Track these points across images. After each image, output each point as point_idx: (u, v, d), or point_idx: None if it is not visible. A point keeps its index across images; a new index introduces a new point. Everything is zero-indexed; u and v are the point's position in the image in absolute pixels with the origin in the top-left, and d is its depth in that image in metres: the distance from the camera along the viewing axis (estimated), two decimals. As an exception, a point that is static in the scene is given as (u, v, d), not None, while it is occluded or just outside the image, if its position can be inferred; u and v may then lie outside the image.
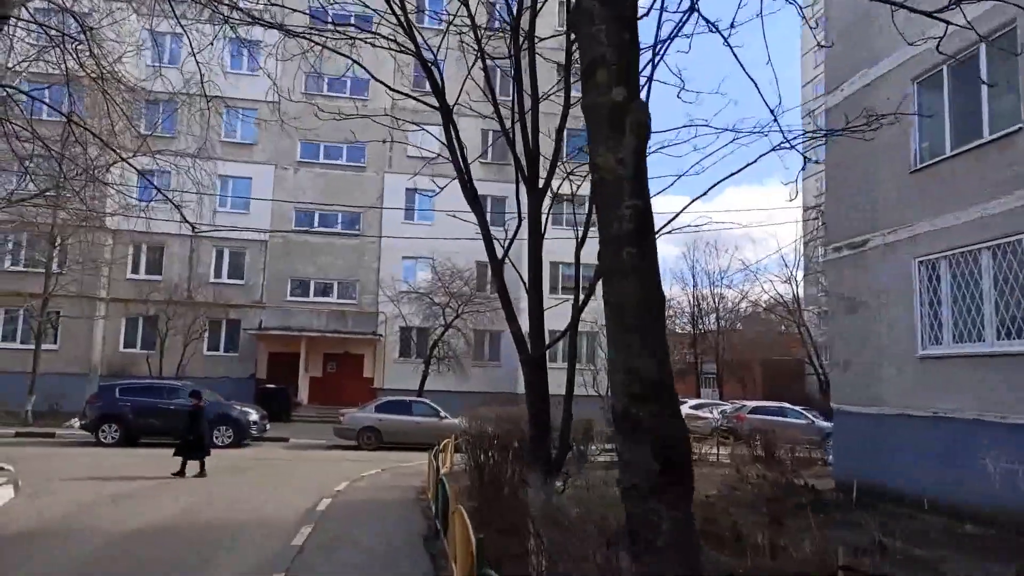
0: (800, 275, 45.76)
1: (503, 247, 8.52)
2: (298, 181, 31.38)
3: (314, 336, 30.11)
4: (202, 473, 14.20)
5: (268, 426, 21.88)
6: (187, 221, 11.50)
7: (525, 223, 8.71)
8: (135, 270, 30.49)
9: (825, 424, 27.63)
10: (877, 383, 12.60)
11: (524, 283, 8.50)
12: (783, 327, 57.50)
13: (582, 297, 8.51)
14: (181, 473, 14.07)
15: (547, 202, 28.20)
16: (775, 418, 27.78)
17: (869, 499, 11.58)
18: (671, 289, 76.11)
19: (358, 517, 10.62)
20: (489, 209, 33.40)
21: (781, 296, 45.55)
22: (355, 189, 31.12)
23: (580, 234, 8.66)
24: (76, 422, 21.82)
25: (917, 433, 11.47)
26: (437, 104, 8.29)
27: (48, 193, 16.52)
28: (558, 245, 31.91)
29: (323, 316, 30.94)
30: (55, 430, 22.21)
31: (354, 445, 21.31)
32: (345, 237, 31.75)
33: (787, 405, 29.25)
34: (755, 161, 7.23)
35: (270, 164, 31.28)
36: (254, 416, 21.00)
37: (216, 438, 20.24)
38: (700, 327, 57.09)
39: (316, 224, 31.68)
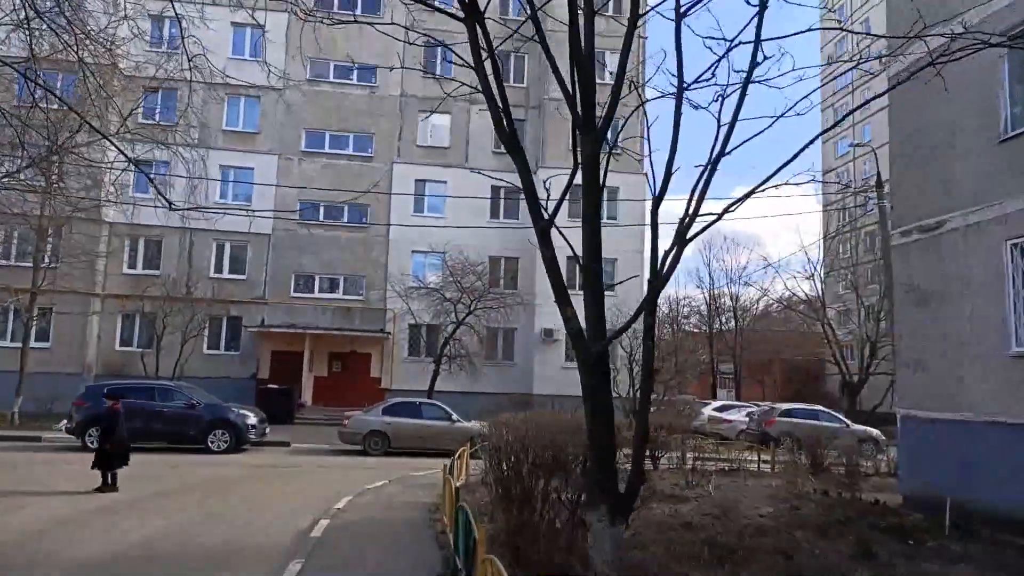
0: (821, 272, 43.89)
1: (546, 213, 6.87)
2: (303, 172, 29.90)
3: (319, 334, 28.62)
4: (110, 486, 12.21)
5: (268, 430, 20.39)
6: (163, 197, 9.89)
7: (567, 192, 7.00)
8: (131, 264, 29.06)
9: (858, 428, 25.96)
10: (957, 385, 10.95)
11: (575, 258, 6.81)
12: (804, 326, 55.81)
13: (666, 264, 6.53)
14: (106, 487, 12.17)
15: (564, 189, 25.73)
16: (807, 421, 26.12)
17: (958, 520, 9.93)
18: (685, 287, 74.75)
19: (360, 545, 9.05)
20: (503, 204, 31.95)
21: (806, 294, 43.72)
22: (362, 180, 29.60)
23: (657, 187, 6.93)
24: (64, 425, 20.36)
25: (1013, 444, 9.82)
26: (460, 13, 6.54)
27: (23, 173, 14.88)
28: (577, 236, 30.42)
29: (328, 313, 29.45)
30: (42, 433, 20.77)
31: (359, 450, 19.81)
32: (352, 230, 30.25)
33: (820, 407, 27.55)
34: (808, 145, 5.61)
35: (273, 154, 29.80)
36: (253, 419, 19.51)
37: (212, 443, 18.87)
38: (717, 325, 55.43)
39: (322, 216, 30.18)
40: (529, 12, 6.61)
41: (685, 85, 6.32)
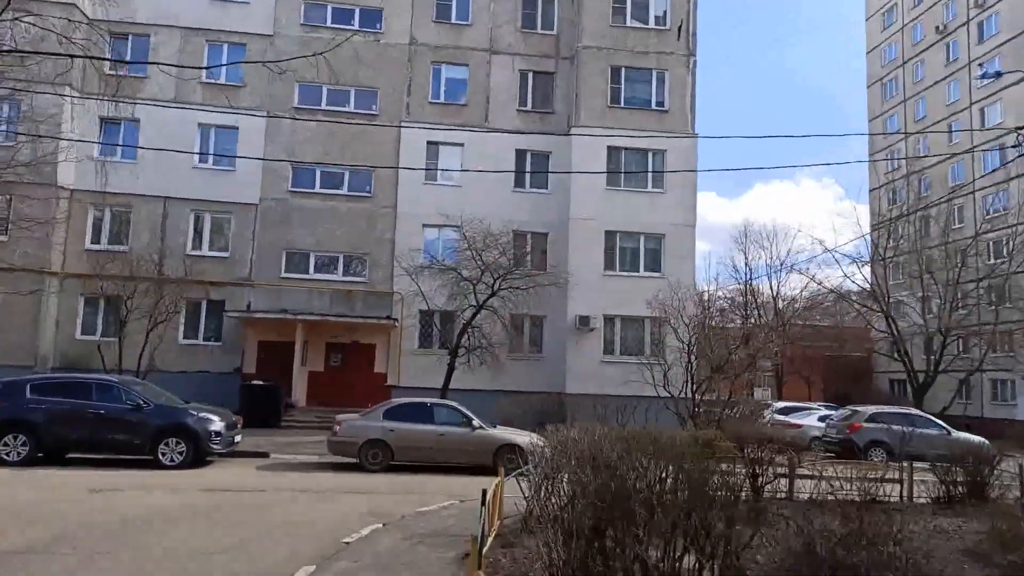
0: (884, 256, 38.99)
1: None
2: (295, 132, 25.57)
3: (314, 321, 24.29)
4: None
5: (239, 438, 16.06)
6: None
7: None
8: (95, 239, 24.86)
9: (961, 436, 21.34)
10: None
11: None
12: (854, 318, 50.97)
13: None
14: None
15: (604, 153, 20.21)
16: (901, 428, 21.53)
17: None
18: (716, 279, 70.03)
19: None
20: (529, 171, 27.48)
21: (863, 282, 38.89)
22: (365, 142, 25.29)
23: None
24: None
25: None
26: None
27: None
28: (616, 207, 25.79)
29: (325, 297, 25.12)
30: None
31: (354, 463, 15.47)
32: (353, 200, 25.88)
33: (914, 411, 22.96)
34: None
35: (261, 111, 25.48)
36: (218, 425, 15.17)
37: (163, 455, 14.62)
38: (755, 319, 50.67)
39: (317, 184, 25.83)
40: None
41: None
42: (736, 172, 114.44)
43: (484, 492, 6.68)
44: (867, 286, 39.54)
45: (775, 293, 49.76)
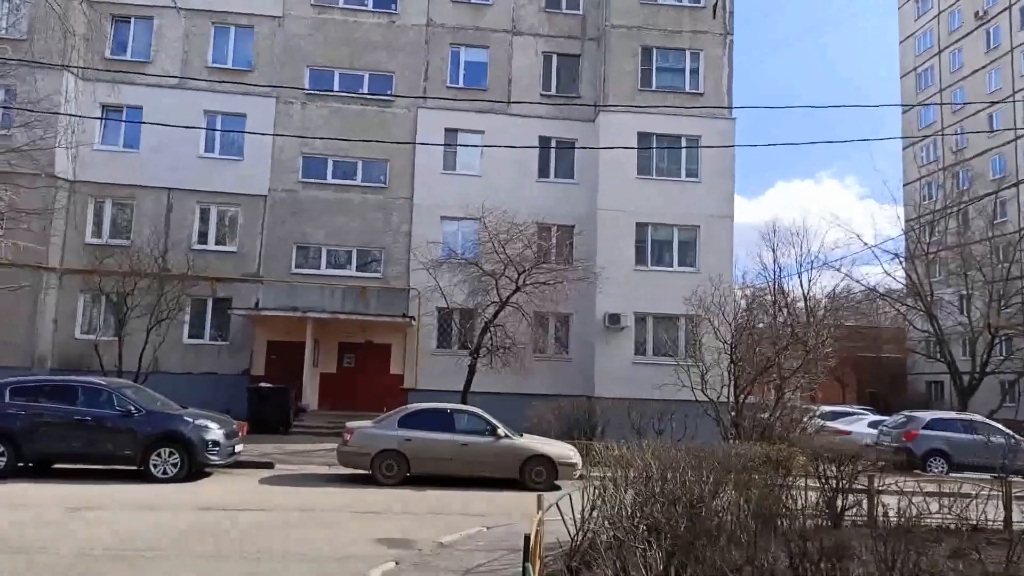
0: (927, 251, 36.92)
1: None
2: (306, 118, 24.11)
3: (325, 319, 22.81)
4: None
5: (240, 447, 14.58)
6: None
7: None
8: (96, 232, 23.53)
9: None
10: None
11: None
12: (890, 318, 48.86)
13: None
14: None
15: (633, 139, 18.05)
16: (962, 436, 19.76)
17: None
18: (744, 276, 67.87)
19: None
20: (554, 159, 25.84)
21: (906, 278, 36.83)
22: (380, 129, 23.76)
23: None
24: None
25: None
26: None
27: None
28: (647, 197, 24.03)
29: (338, 294, 23.64)
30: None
31: (367, 475, 13.96)
32: (367, 191, 24.37)
33: (977, 416, 21.09)
34: None
35: (270, 97, 24.03)
36: (216, 433, 13.70)
37: (155, 466, 13.16)
38: (784, 318, 48.59)
39: (330, 175, 24.36)
40: None
41: None
42: (757, 170, 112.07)
43: (527, 541, 5.06)
44: (906, 284, 37.61)
45: (806, 291, 47.64)
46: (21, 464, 13.19)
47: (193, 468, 13.37)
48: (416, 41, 24.80)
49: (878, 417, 23.64)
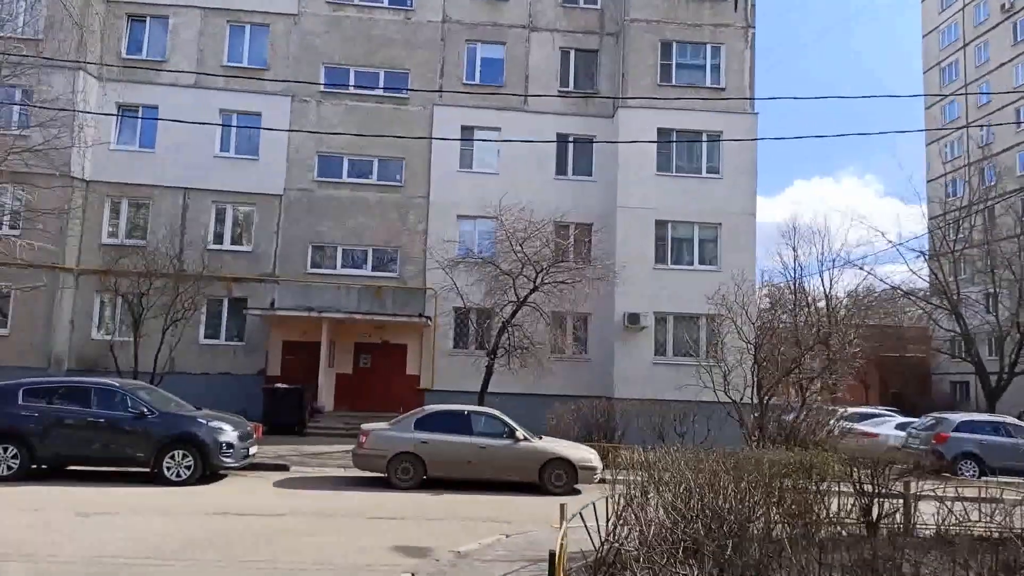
0: (952, 248, 36.07)
1: None
2: (322, 117, 23.90)
3: (341, 319, 22.60)
4: None
5: (255, 449, 14.35)
6: None
7: None
8: (113, 232, 23.46)
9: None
10: None
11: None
12: (914, 317, 47.94)
13: None
14: None
15: (653, 135, 17.70)
16: (994, 438, 19.18)
17: None
18: (762, 277, 66.99)
19: None
20: (571, 157, 25.44)
21: (932, 276, 36.04)
22: (396, 127, 23.48)
23: None
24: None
25: None
26: None
27: None
28: (667, 195, 23.55)
29: (353, 293, 23.41)
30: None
31: (382, 479, 13.69)
32: (383, 190, 24.11)
33: (1008, 418, 20.45)
34: None
35: (286, 95, 23.86)
36: (230, 435, 13.48)
37: (168, 469, 12.94)
38: (805, 318, 47.80)
39: (345, 173, 24.14)
40: None
41: None
42: (776, 169, 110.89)
43: (552, 558, 4.71)
44: (930, 282, 36.82)
45: (827, 290, 46.84)
46: (34, 466, 13.04)
47: (207, 471, 13.16)
48: (432, 38, 24.51)
49: (905, 419, 23.01)
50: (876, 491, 9.27)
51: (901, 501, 9.95)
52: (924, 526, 9.67)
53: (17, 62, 18.82)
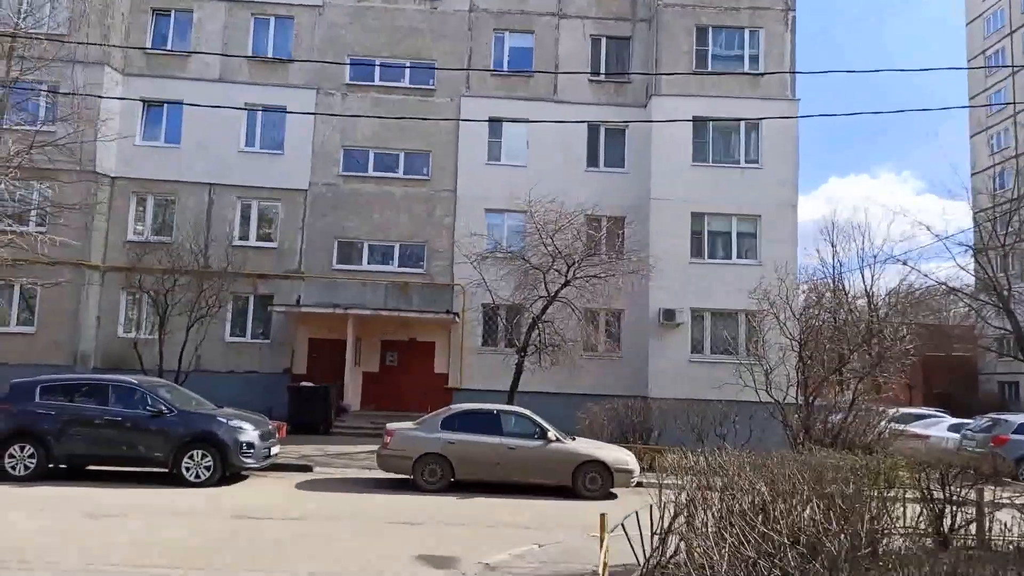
0: (1004, 242, 34.44)
1: None
2: (347, 109, 23.37)
3: (367, 316, 22.07)
4: None
5: (277, 449, 13.82)
6: None
7: None
8: (138, 230, 23.23)
9: None
10: None
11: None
12: (952, 314, 46.24)
13: None
14: None
15: (688, 124, 16.87)
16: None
17: None
18: (803, 273, 65.18)
19: None
20: (603, 148, 24.63)
21: (981, 272, 34.47)
22: (422, 118, 22.85)
23: None
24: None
25: None
26: None
27: None
28: (704, 186, 22.53)
29: (380, 290, 22.88)
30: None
31: (408, 480, 13.05)
32: (409, 184, 23.55)
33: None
34: None
35: (310, 88, 23.42)
36: (251, 434, 12.96)
37: (187, 469, 12.45)
38: (845, 315, 46.25)
39: (371, 167, 23.62)
40: None
41: None
42: (811, 165, 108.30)
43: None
44: (977, 278, 35.25)
45: (868, 287, 45.28)
46: (52, 466, 12.66)
47: (227, 471, 12.66)
48: (459, 27, 23.88)
49: (959, 420, 21.79)
50: (948, 498, 8.40)
51: (973, 510, 9.09)
52: (1004, 537, 8.73)
53: (39, 56, 18.57)
